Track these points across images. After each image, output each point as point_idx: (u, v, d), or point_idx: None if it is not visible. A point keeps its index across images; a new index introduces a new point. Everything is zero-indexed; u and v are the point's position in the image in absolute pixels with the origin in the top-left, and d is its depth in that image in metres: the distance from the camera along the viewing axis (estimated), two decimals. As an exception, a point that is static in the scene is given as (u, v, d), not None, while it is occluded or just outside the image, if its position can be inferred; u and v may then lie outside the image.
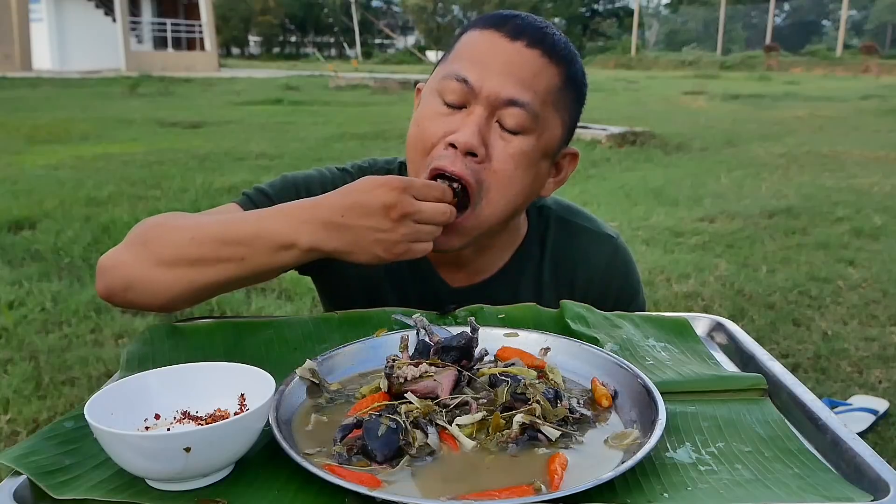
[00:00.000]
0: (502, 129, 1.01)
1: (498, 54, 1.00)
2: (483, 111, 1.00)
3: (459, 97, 1.01)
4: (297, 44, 52.76)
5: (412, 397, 0.79)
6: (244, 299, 3.55)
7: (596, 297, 1.17)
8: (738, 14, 38.98)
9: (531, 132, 1.02)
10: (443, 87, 1.02)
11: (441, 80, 1.03)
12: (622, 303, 1.20)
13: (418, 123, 1.05)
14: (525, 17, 1.04)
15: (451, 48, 1.08)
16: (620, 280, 1.22)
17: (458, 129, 1.00)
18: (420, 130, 1.04)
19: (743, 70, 25.23)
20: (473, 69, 1.00)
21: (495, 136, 1.01)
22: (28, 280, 3.75)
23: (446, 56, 1.08)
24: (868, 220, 5.21)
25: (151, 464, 0.67)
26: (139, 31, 28.40)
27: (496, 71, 1.00)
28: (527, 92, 1.00)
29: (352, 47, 42.57)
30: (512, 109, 1.00)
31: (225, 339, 1.00)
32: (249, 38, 51.87)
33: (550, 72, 1.01)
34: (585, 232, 1.22)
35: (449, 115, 1.02)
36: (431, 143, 1.02)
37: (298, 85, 17.74)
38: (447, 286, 1.17)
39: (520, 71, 1.00)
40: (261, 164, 7.25)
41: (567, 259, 1.20)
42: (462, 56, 1.03)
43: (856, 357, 3.06)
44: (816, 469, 0.72)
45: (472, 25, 1.07)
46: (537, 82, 1.01)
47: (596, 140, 8.69)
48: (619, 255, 1.22)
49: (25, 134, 9.05)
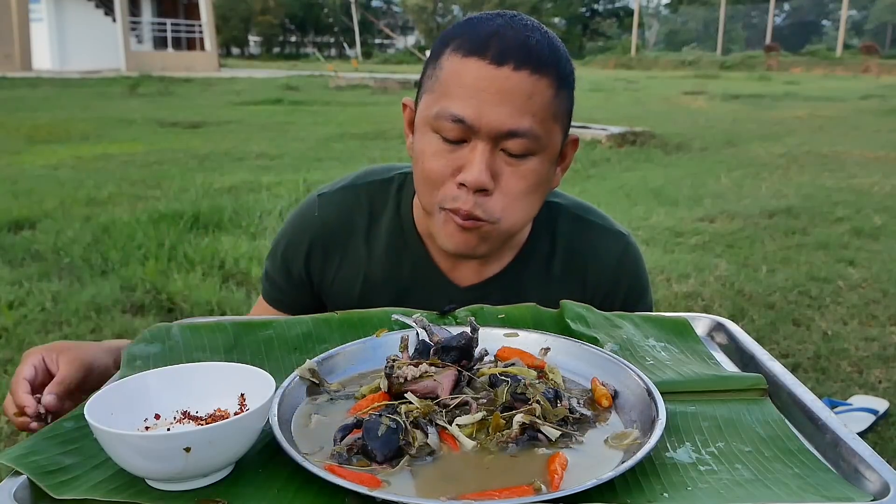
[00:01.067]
0: (508, 156, 1.01)
1: (488, 85, 0.97)
2: (486, 145, 0.99)
3: (458, 134, 1.00)
4: (297, 44, 52.75)
5: (412, 397, 0.79)
6: (244, 299, 3.55)
7: (606, 293, 1.19)
8: (738, 14, 38.97)
9: (537, 152, 1.02)
10: (439, 126, 1.01)
11: (435, 119, 1.01)
12: (631, 300, 1.21)
13: (422, 161, 1.04)
14: (504, 34, 0.99)
15: (433, 73, 1.03)
16: (631, 277, 1.22)
17: (465, 167, 1.00)
18: (426, 169, 1.03)
19: (743, 70, 25.23)
20: (467, 107, 0.98)
21: (502, 164, 1.01)
22: (28, 280, 3.75)
23: (430, 81, 1.04)
24: (868, 220, 5.21)
25: (151, 464, 0.67)
26: (139, 31, 28.39)
27: (491, 103, 0.97)
28: (525, 118, 0.98)
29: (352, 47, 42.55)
30: (514, 140, 0.99)
31: (225, 339, 1.00)
32: (249, 38, 51.87)
33: (542, 86, 0.99)
34: (597, 228, 1.22)
35: (452, 152, 1.01)
36: (441, 179, 1.02)
37: (298, 85, 17.74)
38: (456, 287, 1.18)
39: (513, 99, 0.98)
40: (261, 164, 7.25)
41: (578, 254, 1.20)
42: (450, 91, 1.00)
43: (856, 357, 3.06)
44: (816, 469, 0.72)
45: (451, 48, 1.01)
46: (533, 104, 0.99)
47: (596, 140, 8.69)
48: (630, 251, 1.22)
49: (25, 134, 9.05)
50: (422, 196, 1.08)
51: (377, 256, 1.19)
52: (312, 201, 1.23)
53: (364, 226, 1.20)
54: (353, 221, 1.20)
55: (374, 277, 1.19)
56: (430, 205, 1.06)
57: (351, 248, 1.20)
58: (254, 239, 4.49)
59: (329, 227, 1.20)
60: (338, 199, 1.21)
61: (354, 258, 1.20)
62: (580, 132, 9.04)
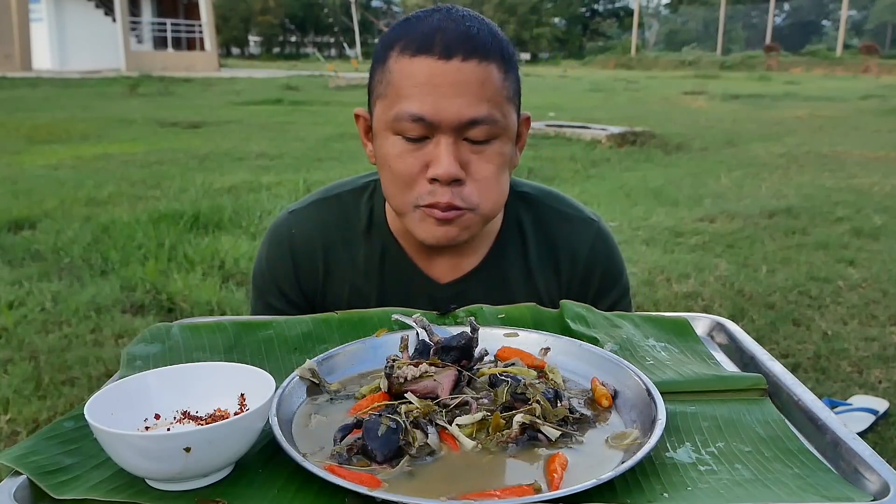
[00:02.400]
0: (472, 144, 1.04)
1: (441, 80, 0.99)
2: (448, 137, 1.02)
3: (420, 132, 1.02)
4: (297, 44, 52.75)
5: (412, 397, 0.79)
6: (244, 299, 3.55)
7: (582, 279, 1.22)
8: (738, 14, 38.98)
9: (498, 135, 1.05)
10: (400, 128, 1.03)
11: (395, 121, 1.03)
12: (608, 283, 1.23)
13: (389, 164, 1.06)
14: (446, 28, 1.01)
15: (383, 77, 1.05)
16: (604, 261, 1.24)
17: (433, 162, 1.02)
18: (395, 171, 1.05)
19: (743, 70, 25.24)
20: (424, 104, 1.00)
21: (468, 152, 1.04)
22: (28, 280, 3.75)
23: (381, 87, 1.06)
24: (868, 220, 5.21)
25: (151, 464, 0.67)
26: (139, 31, 28.39)
27: (447, 97, 1.00)
28: (482, 105, 1.01)
29: (352, 47, 42.52)
30: (475, 128, 1.02)
31: (225, 339, 1.00)
32: (249, 38, 51.87)
33: (491, 72, 1.01)
34: (567, 216, 1.24)
35: (417, 150, 1.03)
36: (411, 178, 1.05)
37: (298, 85, 17.74)
38: (436, 283, 1.19)
39: (467, 89, 1.00)
40: (261, 164, 7.25)
41: (550, 243, 1.22)
42: (405, 92, 1.01)
43: (856, 357, 3.06)
44: (816, 469, 0.72)
45: (396, 50, 1.03)
46: (486, 91, 1.01)
47: (596, 140, 8.69)
48: (600, 237, 1.24)
49: (25, 134, 9.05)
50: (393, 199, 1.10)
51: (358, 264, 1.20)
52: (284, 219, 1.24)
53: (341, 236, 1.21)
54: (328, 233, 1.21)
55: (358, 283, 1.20)
56: (402, 205, 1.08)
57: (332, 260, 1.21)
58: (254, 239, 4.49)
59: (307, 242, 1.21)
60: (311, 214, 1.23)
61: (337, 268, 1.21)
62: (580, 132, 9.13)
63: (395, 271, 1.20)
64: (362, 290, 1.20)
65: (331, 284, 1.21)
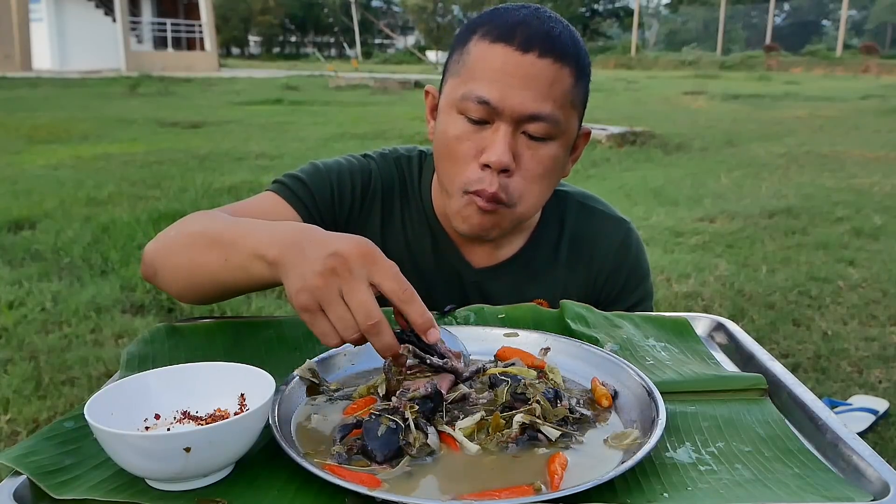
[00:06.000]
0: (529, 139, 1.06)
1: (513, 70, 1.02)
2: (508, 127, 1.04)
3: (482, 115, 1.04)
4: (297, 44, 52.75)
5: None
6: (244, 299, 3.55)
7: (608, 276, 1.25)
8: (738, 14, 38.96)
9: (555, 137, 1.07)
10: (464, 108, 1.05)
11: (461, 100, 1.05)
12: (632, 284, 1.26)
13: (447, 142, 1.08)
14: (530, 23, 1.04)
15: (460, 58, 1.08)
16: (632, 260, 1.27)
17: (488, 147, 1.04)
18: (451, 149, 1.08)
19: (743, 70, 25.22)
20: (492, 89, 1.03)
21: (523, 146, 1.06)
22: (28, 280, 3.75)
23: (456, 66, 1.08)
24: (868, 220, 5.20)
25: (151, 464, 0.67)
26: (139, 31, 28.40)
27: (515, 87, 1.02)
28: (546, 103, 1.03)
29: (352, 47, 42.52)
30: (535, 123, 1.04)
31: (225, 339, 1.00)
32: (249, 38, 51.87)
33: (564, 74, 1.04)
34: (601, 215, 1.28)
35: (476, 132, 1.06)
36: (465, 160, 1.07)
37: (298, 85, 17.74)
38: (470, 266, 1.22)
39: (537, 84, 1.02)
40: (261, 164, 7.25)
41: (584, 239, 1.26)
42: (476, 75, 1.04)
43: (856, 357, 3.06)
44: (816, 469, 0.72)
45: (478, 34, 1.06)
46: (554, 91, 1.04)
47: (596, 140, 8.68)
48: (631, 236, 1.28)
49: (25, 134, 9.05)
50: (443, 176, 1.12)
51: (399, 225, 1.23)
52: (361, 158, 1.25)
53: (399, 193, 1.24)
54: (393, 186, 1.24)
55: (395, 245, 1.22)
56: (451, 185, 1.10)
57: (385, 211, 1.23)
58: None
59: (378, 184, 1.23)
60: (383, 164, 1.25)
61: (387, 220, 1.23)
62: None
63: (434, 244, 1.22)
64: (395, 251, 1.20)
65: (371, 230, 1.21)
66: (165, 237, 1.04)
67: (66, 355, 2.95)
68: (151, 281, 1.05)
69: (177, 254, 1.00)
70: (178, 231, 1.03)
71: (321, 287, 0.77)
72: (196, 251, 0.97)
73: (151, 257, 1.04)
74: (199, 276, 0.97)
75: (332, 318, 0.77)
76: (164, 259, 1.02)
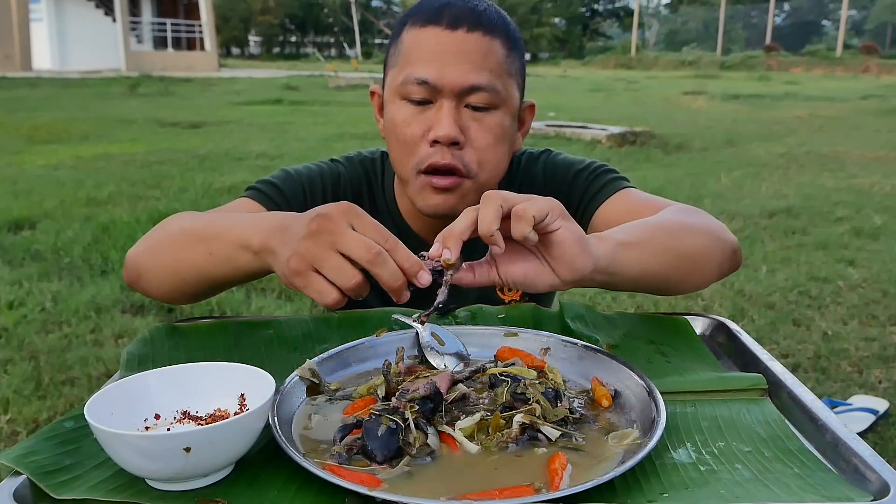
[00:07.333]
0: (473, 111, 1.09)
1: (445, 48, 1.06)
2: (451, 102, 1.07)
3: (424, 95, 1.08)
4: (297, 44, 52.76)
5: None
6: (244, 299, 3.55)
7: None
8: (738, 14, 38.97)
9: (498, 105, 1.10)
10: (406, 92, 1.09)
11: (401, 85, 1.09)
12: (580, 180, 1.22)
13: (395, 130, 1.11)
14: (455, 4, 1.08)
15: (396, 49, 1.12)
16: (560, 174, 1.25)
17: (434, 125, 1.07)
18: (398, 135, 1.11)
19: (743, 70, 25.23)
20: (429, 68, 1.06)
21: (468, 119, 1.09)
22: (28, 280, 3.75)
23: (393, 58, 1.12)
24: (868, 220, 5.20)
25: (151, 464, 0.67)
26: (139, 31, 28.40)
27: (450, 63, 1.06)
28: (483, 74, 1.07)
29: (352, 47, 42.52)
30: (476, 94, 1.07)
31: (225, 339, 1.01)
32: (249, 38, 51.86)
33: (495, 46, 1.08)
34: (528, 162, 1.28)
35: (420, 113, 1.09)
36: (413, 142, 1.10)
37: (298, 85, 17.74)
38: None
39: (470, 57, 1.06)
40: (261, 164, 7.25)
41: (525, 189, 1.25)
42: (412, 58, 1.08)
43: (856, 357, 3.06)
44: (816, 469, 0.72)
45: (409, 23, 1.11)
46: (489, 61, 1.07)
47: (596, 140, 8.69)
48: (549, 159, 1.28)
49: (25, 134, 9.05)
50: (397, 164, 1.15)
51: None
52: (329, 163, 1.28)
53: (367, 195, 1.26)
54: (361, 188, 1.27)
55: None
56: (404, 170, 1.12)
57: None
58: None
59: (348, 187, 1.25)
60: (350, 168, 1.28)
61: None
62: (580, 132, 9.12)
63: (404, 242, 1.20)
64: None
65: None
66: (148, 239, 1.05)
67: (66, 355, 2.95)
68: (135, 286, 1.05)
69: (160, 254, 1.01)
70: (159, 232, 1.04)
71: (311, 246, 0.78)
72: (180, 248, 0.98)
73: (134, 261, 1.04)
74: (184, 272, 0.98)
75: (328, 270, 0.78)
76: (148, 260, 1.02)
